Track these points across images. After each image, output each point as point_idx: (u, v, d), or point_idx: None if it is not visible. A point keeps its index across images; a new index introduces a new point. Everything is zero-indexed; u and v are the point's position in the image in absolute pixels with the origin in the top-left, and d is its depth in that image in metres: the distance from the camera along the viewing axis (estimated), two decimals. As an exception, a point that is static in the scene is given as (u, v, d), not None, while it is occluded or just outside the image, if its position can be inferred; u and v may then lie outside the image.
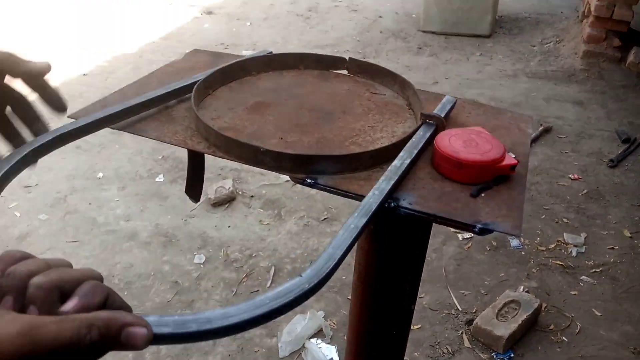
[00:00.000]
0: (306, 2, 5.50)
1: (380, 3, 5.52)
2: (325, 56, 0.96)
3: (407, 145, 0.69)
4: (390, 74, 0.89)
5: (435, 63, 4.23)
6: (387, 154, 0.68)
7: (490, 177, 0.65)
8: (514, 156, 0.68)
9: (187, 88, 0.81)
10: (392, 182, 0.61)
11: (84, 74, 3.94)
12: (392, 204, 0.61)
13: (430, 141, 0.71)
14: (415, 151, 0.67)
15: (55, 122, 0.70)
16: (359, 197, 0.64)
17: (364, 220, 0.54)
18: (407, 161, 0.66)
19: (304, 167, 0.66)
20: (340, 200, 2.64)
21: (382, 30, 4.85)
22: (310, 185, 0.65)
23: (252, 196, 2.72)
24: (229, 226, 2.48)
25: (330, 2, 5.53)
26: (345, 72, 0.96)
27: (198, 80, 0.81)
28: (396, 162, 0.65)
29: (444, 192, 0.64)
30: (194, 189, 0.92)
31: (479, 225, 0.59)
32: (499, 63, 4.25)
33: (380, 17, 5.17)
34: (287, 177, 2.83)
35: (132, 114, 0.75)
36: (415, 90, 0.82)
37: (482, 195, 0.64)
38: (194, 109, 0.73)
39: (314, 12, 5.29)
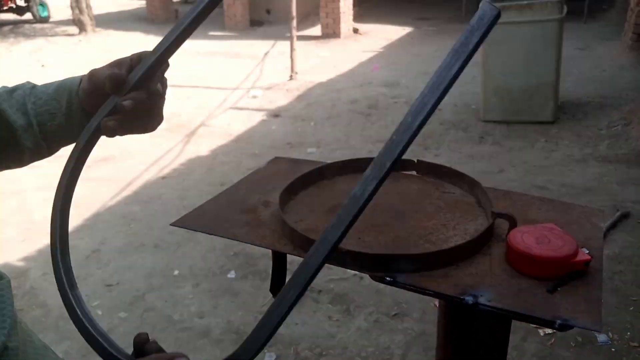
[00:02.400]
0: (366, 101, 5.77)
1: (439, 97, 5.70)
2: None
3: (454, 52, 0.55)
4: (457, 174, 0.94)
5: (499, 151, 4.24)
6: (461, 253, 0.71)
7: (565, 273, 0.67)
8: (587, 251, 0.70)
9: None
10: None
11: (162, 177, 4.26)
12: (471, 301, 0.63)
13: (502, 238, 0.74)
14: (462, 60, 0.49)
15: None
16: (438, 295, 0.67)
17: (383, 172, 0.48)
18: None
19: (383, 266, 0.70)
20: (410, 294, 2.60)
21: (442, 122, 4.97)
22: (390, 284, 0.69)
23: (320, 291, 2.73)
24: (297, 323, 2.48)
25: (389, 99, 5.78)
26: (414, 172, 1.02)
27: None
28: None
29: (521, 289, 0.66)
30: (278, 287, 0.98)
31: (558, 322, 0.60)
32: (566, 148, 4.20)
33: (439, 109, 5.32)
34: (355, 271, 2.82)
35: None
36: (484, 188, 0.86)
37: (559, 290, 0.65)
38: (280, 213, 0.81)
39: (374, 109, 5.53)
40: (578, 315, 0.61)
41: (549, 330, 2.34)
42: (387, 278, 0.70)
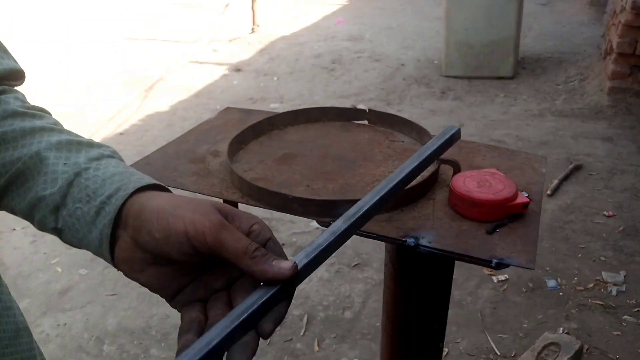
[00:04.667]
0: (330, 55, 5.70)
1: (402, 52, 5.68)
2: (346, 109, 1.02)
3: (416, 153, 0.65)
4: (407, 122, 0.95)
5: (460, 106, 4.30)
6: (406, 197, 0.73)
7: (504, 215, 0.69)
8: (526, 195, 0.72)
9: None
10: (382, 192, 0.52)
11: (120, 133, 4.15)
12: (413, 243, 0.65)
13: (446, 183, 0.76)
14: (420, 160, 0.61)
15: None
16: (381, 238, 0.68)
17: (344, 227, 0.50)
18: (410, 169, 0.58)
19: (329, 212, 0.71)
20: (371, 246, 2.66)
21: (404, 78, 4.97)
22: (336, 229, 0.70)
23: (283, 244, 2.77)
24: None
25: (353, 54, 5.72)
26: (365, 122, 1.02)
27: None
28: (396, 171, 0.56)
29: (461, 230, 0.68)
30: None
31: (495, 261, 0.62)
32: (524, 103, 4.28)
33: (402, 65, 5.31)
34: (317, 225, 2.87)
35: None
36: (432, 136, 0.87)
37: (498, 231, 0.67)
38: (228, 162, 0.80)
39: (338, 64, 5.48)
40: (514, 255, 0.64)
41: (502, 277, 2.45)
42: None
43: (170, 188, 0.55)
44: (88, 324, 2.31)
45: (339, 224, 0.50)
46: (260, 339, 0.44)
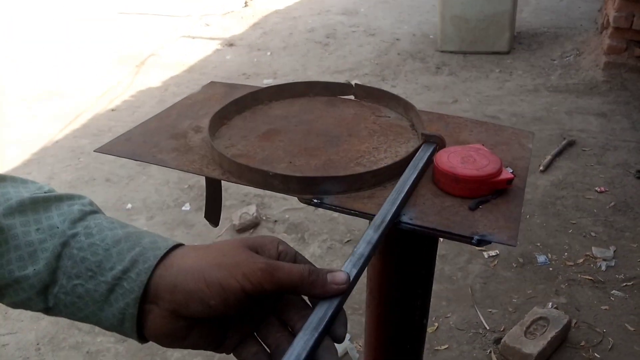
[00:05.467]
0: (324, 29, 5.62)
1: (397, 26, 5.60)
2: (332, 83, 1.00)
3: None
4: (394, 97, 0.93)
5: (455, 82, 4.26)
6: (389, 173, 0.72)
7: (489, 191, 0.68)
8: (511, 171, 0.71)
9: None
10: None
11: (112, 109, 4.10)
12: (394, 220, 0.64)
13: (431, 159, 0.74)
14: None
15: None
16: (363, 215, 0.68)
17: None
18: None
19: (311, 188, 0.70)
20: (362, 222, 2.66)
21: (399, 53, 4.91)
22: (317, 205, 0.69)
23: (275, 221, 2.77)
24: (254, 251, 2.52)
25: (347, 28, 5.64)
26: (352, 97, 1.00)
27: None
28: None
29: (444, 207, 0.67)
30: (212, 214, 0.97)
31: (476, 237, 0.61)
32: (519, 79, 4.25)
33: (397, 39, 5.24)
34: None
35: None
36: (418, 111, 0.86)
37: (481, 207, 0.66)
38: (208, 138, 0.79)
39: (332, 38, 5.40)
40: (495, 231, 0.63)
41: (492, 252, 2.46)
42: (315, 200, 0.70)
43: (155, 165, 0.53)
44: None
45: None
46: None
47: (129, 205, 2.97)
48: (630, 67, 3.97)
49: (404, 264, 0.76)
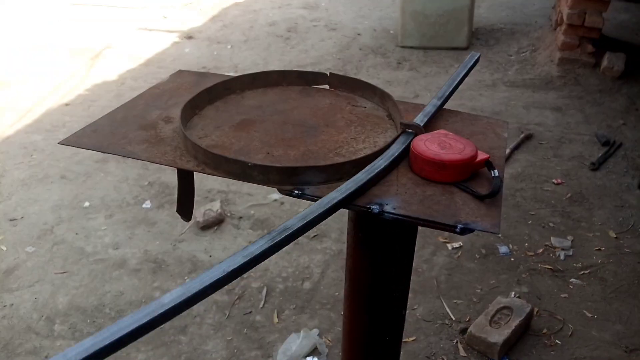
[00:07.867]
0: (285, 23, 5.57)
1: (358, 21, 5.61)
2: (306, 72, 0.98)
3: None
4: (370, 86, 0.92)
5: (415, 77, 4.31)
6: (368, 164, 0.71)
7: (469, 175, 0.68)
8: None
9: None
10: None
11: (66, 104, 3.94)
12: (377, 210, 0.63)
13: (409, 147, 0.74)
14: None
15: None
16: (346, 206, 0.66)
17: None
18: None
19: (291, 179, 0.68)
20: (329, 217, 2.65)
21: (361, 48, 4.92)
22: (298, 196, 0.67)
23: (240, 217, 2.72)
24: (218, 249, 2.48)
25: (309, 22, 5.61)
26: (326, 86, 0.98)
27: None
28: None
29: (425, 196, 0.66)
30: (185, 208, 0.93)
31: (460, 225, 0.61)
32: (478, 74, 4.33)
33: (358, 34, 5.25)
34: (275, 197, 2.84)
35: None
36: (395, 101, 0.85)
37: (464, 192, 0.66)
38: (181, 128, 0.75)
39: (294, 32, 5.36)
40: (478, 219, 0.63)
41: (456, 244, 2.50)
42: (295, 191, 0.68)
43: (114, 162, 0.50)
44: (37, 303, 2.21)
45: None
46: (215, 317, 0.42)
47: (87, 204, 2.86)
48: (583, 63, 4.12)
49: (383, 254, 0.75)
